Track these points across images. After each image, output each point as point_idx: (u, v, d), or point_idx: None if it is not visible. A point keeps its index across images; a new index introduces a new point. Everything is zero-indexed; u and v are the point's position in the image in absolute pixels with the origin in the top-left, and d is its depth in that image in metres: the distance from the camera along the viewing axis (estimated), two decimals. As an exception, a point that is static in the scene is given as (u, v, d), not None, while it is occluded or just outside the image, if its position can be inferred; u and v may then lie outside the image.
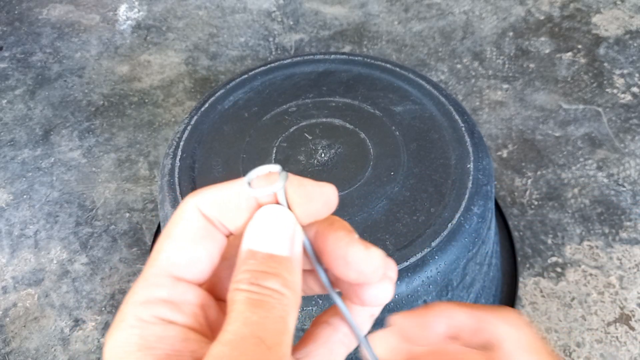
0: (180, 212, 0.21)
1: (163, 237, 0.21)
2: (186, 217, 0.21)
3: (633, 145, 0.93)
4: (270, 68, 0.72)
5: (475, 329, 0.24)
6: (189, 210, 0.21)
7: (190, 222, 0.21)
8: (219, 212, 0.21)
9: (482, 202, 0.57)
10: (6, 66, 1.16)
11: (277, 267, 0.20)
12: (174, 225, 0.21)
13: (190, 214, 0.21)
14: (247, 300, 0.19)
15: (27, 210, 0.91)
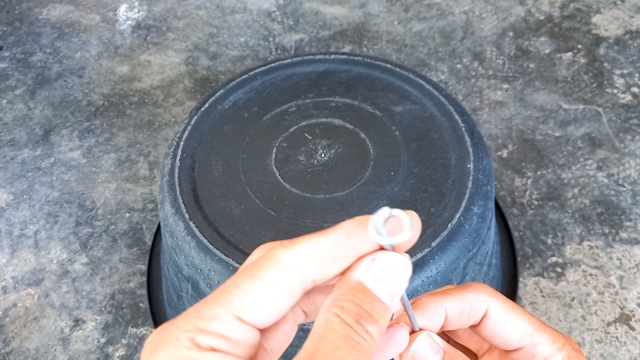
0: (274, 261, 0.21)
1: (245, 276, 0.21)
2: (279, 268, 0.21)
3: (633, 145, 0.93)
4: (270, 68, 0.72)
5: (462, 309, 0.26)
6: (284, 262, 0.21)
7: (283, 275, 0.21)
8: (319, 270, 0.21)
9: (482, 202, 0.57)
10: (6, 66, 1.16)
11: (379, 314, 0.21)
12: (261, 270, 0.21)
13: (284, 266, 0.21)
14: (345, 335, 0.20)
15: (27, 210, 0.91)
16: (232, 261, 0.53)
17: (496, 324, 0.26)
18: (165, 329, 0.20)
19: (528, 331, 0.26)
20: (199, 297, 0.58)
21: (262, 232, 0.56)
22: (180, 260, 0.57)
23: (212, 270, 0.54)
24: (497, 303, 0.26)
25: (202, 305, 0.20)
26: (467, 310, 0.26)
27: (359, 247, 0.21)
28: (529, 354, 0.26)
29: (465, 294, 0.26)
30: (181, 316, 0.20)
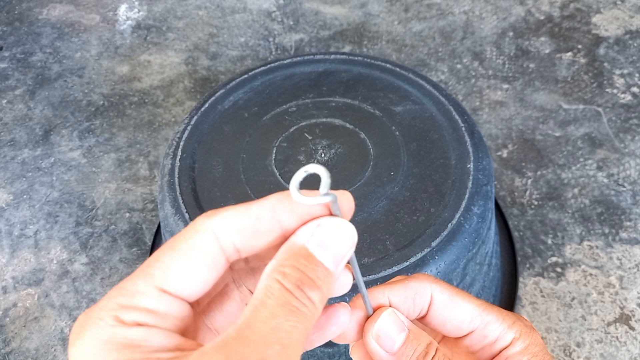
0: (193, 230, 0.20)
1: (166, 248, 0.20)
2: (198, 237, 0.20)
3: (633, 145, 0.93)
4: (270, 68, 0.72)
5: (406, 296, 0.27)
6: (203, 231, 0.20)
7: (202, 244, 0.20)
8: (240, 239, 0.21)
9: (482, 202, 0.57)
10: (6, 66, 1.16)
11: (322, 280, 0.21)
12: (181, 241, 0.20)
13: (204, 235, 0.20)
14: (285, 301, 0.19)
15: (27, 210, 0.91)
16: (232, 261, 0.53)
17: (443, 308, 0.26)
18: (90, 311, 0.19)
19: (476, 312, 0.26)
20: (199, 297, 0.58)
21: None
22: (180, 260, 0.57)
23: (212, 270, 0.54)
24: (441, 288, 0.27)
25: (124, 283, 0.20)
26: (411, 297, 0.26)
27: (283, 221, 0.21)
28: (481, 336, 0.26)
29: (408, 282, 0.27)
30: (104, 296, 0.20)
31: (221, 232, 0.21)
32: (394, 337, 0.26)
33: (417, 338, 0.26)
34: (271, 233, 0.21)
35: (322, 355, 0.55)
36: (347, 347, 0.55)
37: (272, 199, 0.21)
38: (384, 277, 0.51)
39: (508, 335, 0.26)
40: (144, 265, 0.20)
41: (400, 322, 0.26)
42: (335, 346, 0.54)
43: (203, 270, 0.20)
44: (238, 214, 0.21)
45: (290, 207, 0.21)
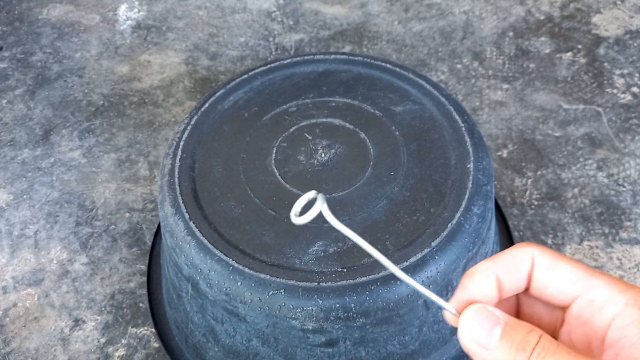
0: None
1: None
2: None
3: (633, 145, 0.93)
4: (270, 68, 0.72)
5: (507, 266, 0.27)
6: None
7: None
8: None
9: (482, 202, 0.57)
10: (6, 66, 1.16)
11: None
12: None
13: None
14: None
15: (27, 210, 0.91)
16: (232, 261, 0.53)
17: (545, 270, 0.26)
18: None
19: (580, 274, 0.25)
20: (199, 297, 0.58)
21: (262, 232, 0.56)
22: (180, 260, 0.57)
23: (212, 270, 0.54)
24: (542, 251, 0.26)
25: None
26: (513, 264, 0.26)
27: None
28: (587, 301, 0.25)
29: (508, 251, 0.27)
30: None
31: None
32: (489, 332, 0.25)
33: (514, 328, 0.25)
34: None
35: (322, 355, 0.55)
36: (347, 347, 0.55)
37: None
38: (383, 277, 0.51)
39: (618, 299, 0.24)
40: None
41: (493, 317, 0.25)
42: (335, 346, 0.54)
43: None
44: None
45: None
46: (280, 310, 0.51)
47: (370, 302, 0.51)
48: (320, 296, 0.50)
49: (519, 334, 0.25)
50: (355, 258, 0.53)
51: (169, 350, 0.71)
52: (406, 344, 0.56)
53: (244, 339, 0.56)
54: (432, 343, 0.59)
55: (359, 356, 0.55)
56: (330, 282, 0.51)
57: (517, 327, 0.25)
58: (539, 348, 0.24)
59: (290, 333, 0.53)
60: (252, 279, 0.52)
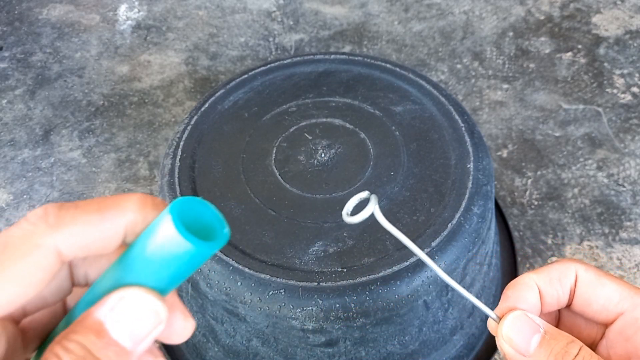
0: (36, 248, 0.18)
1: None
2: (37, 256, 0.18)
3: (633, 145, 0.93)
4: (270, 68, 0.72)
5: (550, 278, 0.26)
6: (46, 252, 0.18)
7: (41, 265, 0.18)
8: (89, 252, 0.19)
9: (482, 202, 0.57)
10: (6, 66, 1.16)
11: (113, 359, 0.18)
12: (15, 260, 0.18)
13: (45, 255, 0.18)
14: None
15: (27, 210, 0.91)
16: (232, 261, 0.53)
17: (588, 286, 0.26)
18: None
19: (625, 292, 0.25)
20: (199, 297, 0.58)
21: (262, 232, 0.56)
22: (180, 260, 0.57)
23: (212, 270, 0.54)
24: (586, 267, 0.26)
25: None
26: (556, 278, 0.26)
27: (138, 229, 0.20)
28: (632, 319, 0.25)
29: (552, 265, 0.27)
30: None
31: (66, 247, 0.18)
32: (528, 339, 0.25)
33: (555, 337, 0.25)
34: (119, 240, 0.20)
35: (322, 355, 0.55)
36: (347, 347, 0.55)
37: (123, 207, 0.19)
38: (383, 277, 0.51)
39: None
40: None
41: (533, 324, 0.25)
42: (335, 346, 0.54)
43: (39, 287, 0.18)
44: (86, 228, 0.19)
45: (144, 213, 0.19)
46: (280, 310, 0.51)
47: (370, 302, 0.51)
48: (320, 296, 0.50)
49: (559, 343, 0.25)
50: (355, 258, 0.53)
51: (169, 351, 0.71)
52: (406, 344, 0.56)
53: (244, 339, 0.56)
54: (432, 343, 0.59)
55: (359, 356, 0.55)
56: (330, 282, 0.51)
57: (557, 337, 0.25)
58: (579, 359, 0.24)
59: (290, 333, 0.53)
60: (252, 279, 0.52)
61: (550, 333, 0.25)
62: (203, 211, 0.20)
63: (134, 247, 0.19)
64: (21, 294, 0.18)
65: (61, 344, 0.18)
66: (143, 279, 0.19)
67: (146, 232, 0.19)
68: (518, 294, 0.26)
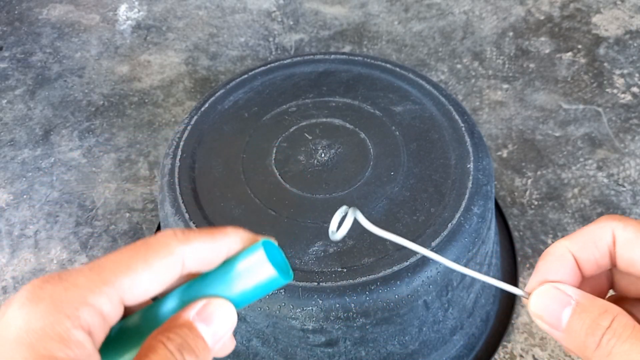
0: (167, 252, 0.23)
1: (139, 260, 0.22)
2: (171, 260, 0.23)
3: (633, 145, 0.93)
4: (270, 68, 0.72)
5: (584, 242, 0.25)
6: (177, 254, 0.23)
7: (172, 266, 0.23)
8: (199, 266, 0.24)
9: (482, 202, 0.57)
10: (6, 66, 1.16)
11: (200, 351, 0.23)
12: (155, 258, 0.22)
13: (175, 258, 0.23)
14: (164, 357, 0.21)
15: (27, 210, 0.91)
16: (232, 261, 0.53)
17: (629, 246, 0.24)
18: (59, 293, 0.20)
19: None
20: (199, 297, 0.58)
21: (262, 232, 0.56)
22: (180, 260, 0.57)
23: (212, 270, 0.54)
24: (624, 225, 0.24)
25: (94, 277, 0.21)
26: (591, 241, 0.24)
27: (230, 255, 0.25)
28: None
29: (587, 227, 0.25)
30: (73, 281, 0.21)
31: (188, 259, 0.23)
32: (558, 314, 0.24)
33: (586, 310, 0.23)
34: (218, 262, 0.25)
35: (322, 355, 0.55)
36: (347, 347, 0.55)
37: (231, 237, 0.25)
38: (383, 277, 0.51)
39: None
40: (115, 265, 0.22)
41: (564, 296, 0.24)
42: (335, 346, 0.54)
43: (161, 288, 0.23)
44: (205, 244, 0.24)
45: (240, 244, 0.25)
46: (280, 310, 0.51)
47: (370, 302, 0.51)
48: (320, 296, 0.50)
49: (590, 315, 0.23)
50: (355, 258, 0.53)
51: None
52: (406, 344, 0.56)
53: (244, 339, 0.56)
54: (432, 343, 0.59)
55: (359, 356, 0.55)
56: (330, 282, 0.51)
57: (589, 308, 0.23)
58: (610, 333, 0.22)
59: (290, 333, 0.53)
60: (252, 279, 0.52)
61: (582, 304, 0.23)
62: (277, 254, 0.25)
63: (222, 267, 0.24)
64: (155, 287, 0.22)
65: (163, 334, 0.22)
66: (224, 293, 0.24)
67: (237, 257, 0.24)
68: (548, 265, 0.25)
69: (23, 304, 0.20)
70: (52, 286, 0.20)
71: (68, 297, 0.20)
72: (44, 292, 0.20)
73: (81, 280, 0.21)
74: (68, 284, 0.20)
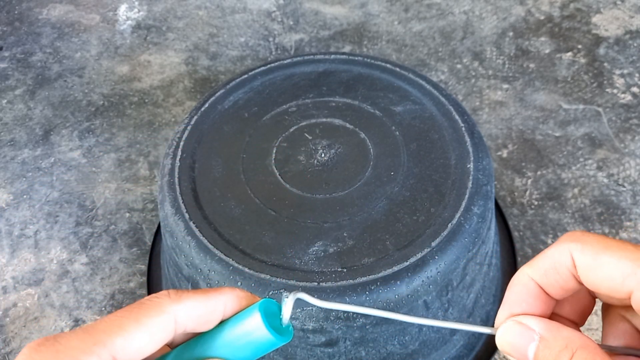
0: (159, 310, 0.23)
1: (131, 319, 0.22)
2: (163, 318, 0.23)
3: (633, 145, 0.93)
4: (270, 68, 0.72)
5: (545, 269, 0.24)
6: (168, 313, 0.23)
7: (164, 325, 0.23)
8: (193, 325, 0.24)
9: (482, 202, 0.57)
10: (6, 66, 1.16)
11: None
12: (146, 317, 0.23)
13: (167, 317, 0.23)
14: None
15: (27, 210, 0.91)
16: (232, 261, 0.53)
17: (588, 271, 0.22)
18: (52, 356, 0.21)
19: (628, 269, 0.22)
20: (199, 297, 0.58)
21: (262, 232, 0.56)
22: (180, 260, 0.57)
23: (212, 270, 0.54)
24: (582, 247, 0.23)
25: (86, 338, 0.22)
26: (550, 268, 0.24)
27: (228, 315, 0.25)
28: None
29: (546, 251, 0.24)
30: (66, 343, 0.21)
31: (181, 318, 0.23)
32: (523, 351, 0.24)
33: (548, 346, 0.23)
34: (216, 322, 0.25)
35: (322, 355, 0.55)
36: (347, 347, 0.55)
37: (227, 295, 0.25)
38: (383, 277, 0.51)
39: None
40: (107, 325, 0.22)
41: (528, 331, 0.24)
42: (335, 346, 0.54)
43: (155, 347, 0.23)
44: (198, 303, 0.24)
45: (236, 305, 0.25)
46: (280, 310, 0.51)
47: (370, 302, 0.51)
48: (320, 296, 0.50)
49: (552, 351, 0.23)
50: (355, 258, 0.53)
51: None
52: (406, 344, 0.56)
53: (244, 339, 0.56)
54: (432, 343, 0.59)
55: (359, 356, 0.56)
56: (330, 282, 0.51)
57: (551, 343, 0.23)
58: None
59: (290, 333, 0.53)
60: (252, 279, 0.52)
61: (545, 339, 0.23)
62: (275, 311, 0.25)
63: (220, 329, 0.25)
64: (149, 346, 0.23)
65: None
66: (225, 354, 0.25)
67: (235, 318, 0.25)
68: (513, 297, 0.25)
69: None
70: (46, 349, 0.21)
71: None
72: (38, 355, 0.21)
73: (74, 342, 0.21)
74: (61, 347, 0.21)
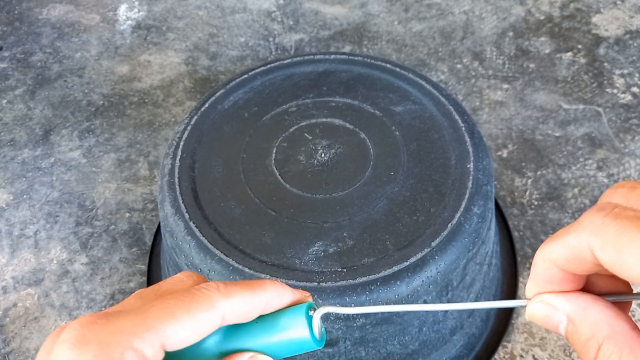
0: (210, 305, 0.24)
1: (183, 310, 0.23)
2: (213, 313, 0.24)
3: (633, 145, 0.93)
4: (270, 68, 0.72)
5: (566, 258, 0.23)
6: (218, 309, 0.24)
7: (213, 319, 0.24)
8: (237, 319, 0.25)
9: (482, 202, 0.57)
10: (6, 66, 1.16)
11: None
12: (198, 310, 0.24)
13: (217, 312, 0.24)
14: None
15: (27, 210, 0.91)
16: (232, 261, 0.53)
17: (614, 266, 0.21)
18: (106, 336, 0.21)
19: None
20: (199, 297, 0.58)
21: (262, 232, 0.56)
22: (180, 260, 0.57)
23: (212, 270, 0.54)
24: (602, 244, 0.21)
25: (139, 322, 0.22)
26: (572, 259, 0.23)
27: (268, 310, 0.26)
28: None
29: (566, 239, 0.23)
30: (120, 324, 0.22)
31: (228, 314, 0.24)
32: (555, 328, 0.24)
33: (575, 332, 0.23)
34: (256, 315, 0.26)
35: (322, 355, 0.55)
36: (347, 347, 0.55)
37: (270, 292, 0.26)
38: (383, 277, 0.51)
39: None
40: (158, 312, 0.23)
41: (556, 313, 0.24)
42: (335, 346, 0.54)
43: (199, 339, 0.24)
44: (245, 299, 0.25)
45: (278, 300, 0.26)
46: (280, 310, 0.51)
47: (370, 302, 0.51)
48: (320, 296, 0.50)
49: (579, 338, 0.23)
50: (355, 258, 0.53)
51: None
52: (406, 344, 0.56)
53: (244, 339, 0.56)
54: (432, 343, 0.59)
55: (359, 356, 0.56)
56: (330, 282, 0.51)
57: (578, 328, 0.23)
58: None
59: (290, 333, 0.53)
60: (252, 279, 0.52)
61: (573, 322, 0.23)
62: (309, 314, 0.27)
63: (264, 323, 0.26)
64: (194, 337, 0.23)
65: None
66: (264, 348, 0.26)
67: (278, 317, 0.26)
68: (540, 272, 0.24)
69: (73, 344, 0.21)
70: (100, 327, 0.21)
71: (115, 341, 0.21)
72: (92, 334, 0.21)
73: (127, 325, 0.22)
74: (115, 327, 0.22)
